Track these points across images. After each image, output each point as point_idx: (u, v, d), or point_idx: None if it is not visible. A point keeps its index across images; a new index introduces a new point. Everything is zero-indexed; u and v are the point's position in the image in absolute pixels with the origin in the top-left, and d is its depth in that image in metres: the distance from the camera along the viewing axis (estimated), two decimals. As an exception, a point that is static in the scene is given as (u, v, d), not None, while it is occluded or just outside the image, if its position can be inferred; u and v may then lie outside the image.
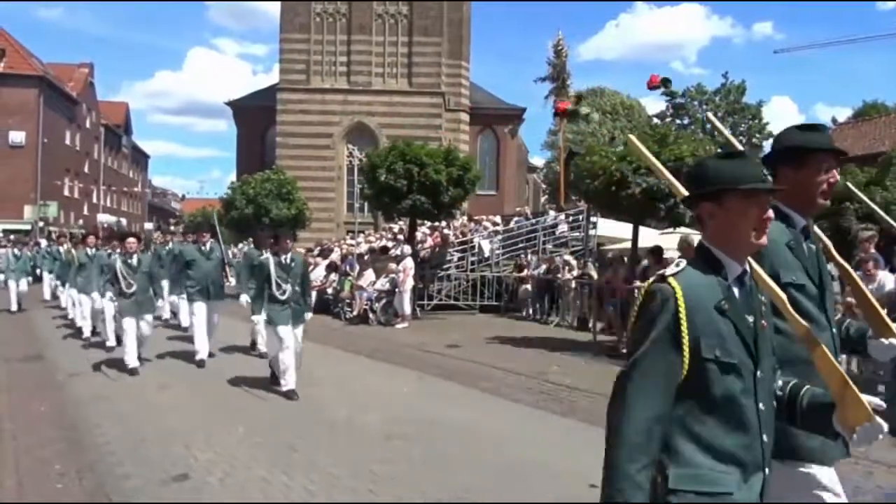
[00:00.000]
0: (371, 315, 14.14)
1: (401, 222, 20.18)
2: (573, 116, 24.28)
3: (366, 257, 17.12)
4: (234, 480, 4.61)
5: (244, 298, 8.97)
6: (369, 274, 15.23)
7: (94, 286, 10.52)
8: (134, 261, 8.56)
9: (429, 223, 19.10)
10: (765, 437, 1.75)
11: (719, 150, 3.69)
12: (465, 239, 18.14)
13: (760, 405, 1.75)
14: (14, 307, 15.31)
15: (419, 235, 18.29)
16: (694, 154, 9.02)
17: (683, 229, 11.37)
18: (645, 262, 11.25)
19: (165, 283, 11.25)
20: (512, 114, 43.10)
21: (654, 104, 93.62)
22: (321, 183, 37.33)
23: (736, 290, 1.77)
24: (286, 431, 5.82)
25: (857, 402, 1.75)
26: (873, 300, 2.33)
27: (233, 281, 10.05)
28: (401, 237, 18.20)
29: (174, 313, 12.89)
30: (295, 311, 7.31)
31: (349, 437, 5.67)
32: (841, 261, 2.55)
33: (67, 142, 40.10)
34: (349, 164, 39.36)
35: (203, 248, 9.53)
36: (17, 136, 34.40)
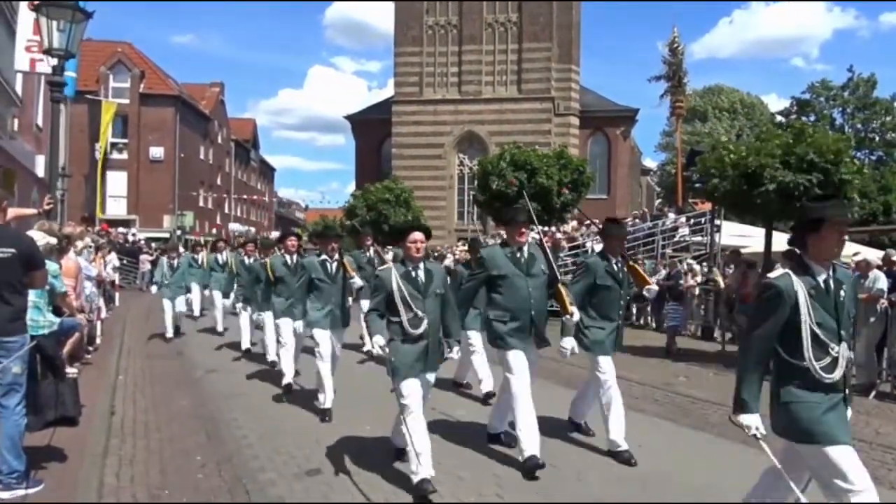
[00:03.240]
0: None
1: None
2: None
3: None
4: (362, 478, 4.67)
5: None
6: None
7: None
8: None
9: (539, 227, 18.88)
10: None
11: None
12: (577, 243, 17.78)
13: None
14: (170, 332, 11.85)
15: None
16: (836, 149, 8.29)
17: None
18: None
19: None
20: (624, 115, 41.95)
21: (777, 102, 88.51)
22: (433, 192, 37.93)
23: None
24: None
25: None
26: None
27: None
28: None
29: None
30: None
31: (473, 440, 5.59)
32: None
33: (201, 156, 42.95)
34: (460, 172, 39.78)
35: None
36: (156, 152, 37.23)
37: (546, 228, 18.91)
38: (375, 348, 4.58)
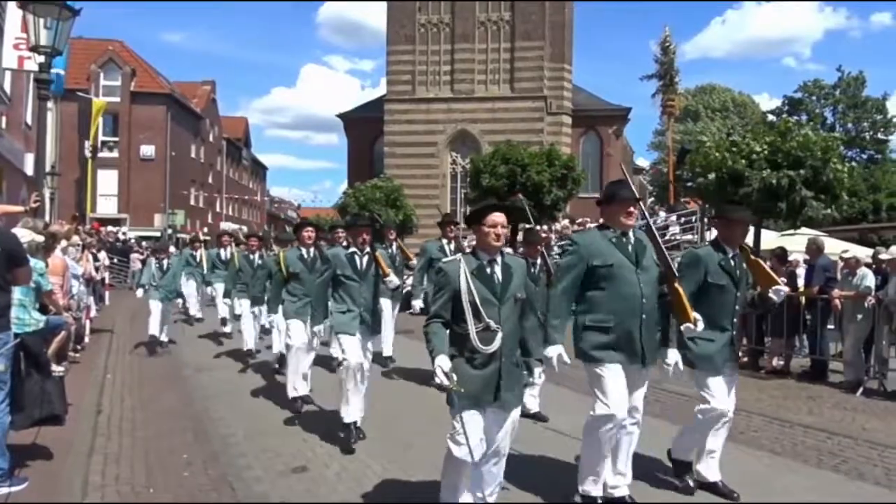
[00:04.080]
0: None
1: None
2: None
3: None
4: (350, 475, 4.67)
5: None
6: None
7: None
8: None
9: (527, 226, 18.92)
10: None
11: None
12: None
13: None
14: (162, 335, 10.63)
15: (520, 237, 18.13)
16: (825, 147, 8.36)
17: (807, 230, 10.59)
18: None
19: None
20: (616, 114, 42.06)
21: (769, 102, 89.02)
22: (426, 190, 37.89)
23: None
24: (402, 428, 5.85)
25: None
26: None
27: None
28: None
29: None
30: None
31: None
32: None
33: (193, 155, 42.79)
34: (452, 171, 39.77)
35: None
36: (147, 150, 37.07)
37: (536, 226, 18.95)
38: (438, 377, 3.26)
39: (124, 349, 10.53)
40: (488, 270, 3.48)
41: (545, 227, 19.28)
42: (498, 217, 3.48)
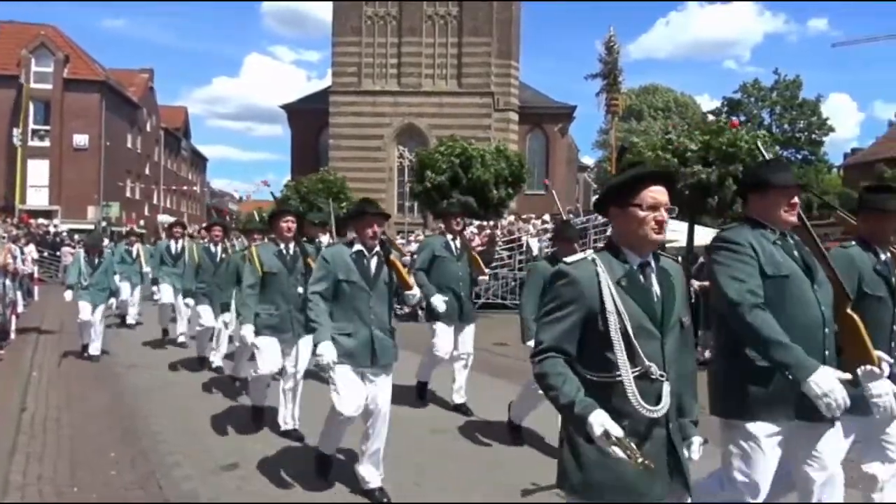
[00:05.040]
0: (420, 312, 14.13)
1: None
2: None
3: (414, 256, 17.11)
4: (280, 473, 4.62)
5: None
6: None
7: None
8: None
9: (477, 222, 19.07)
10: None
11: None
12: (513, 237, 18.01)
13: None
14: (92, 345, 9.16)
15: (467, 234, 18.24)
16: (753, 140, 8.68)
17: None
18: (702, 260, 10.92)
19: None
20: (562, 112, 42.72)
21: (709, 102, 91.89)
22: (373, 184, 37.67)
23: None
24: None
25: None
26: None
27: None
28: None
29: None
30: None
31: (395, 431, 5.60)
32: None
33: (129, 145, 41.48)
34: (399, 165, 39.66)
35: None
36: (80, 140, 35.74)
37: (483, 223, 19.11)
38: (601, 442, 1.98)
39: (52, 346, 10.14)
40: (641, 279, 2.18)
41: (491, 223, 19.45)
42: (659, 193, 2.17)
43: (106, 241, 13.06)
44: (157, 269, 10.57)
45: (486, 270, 6.95)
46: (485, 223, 19.31)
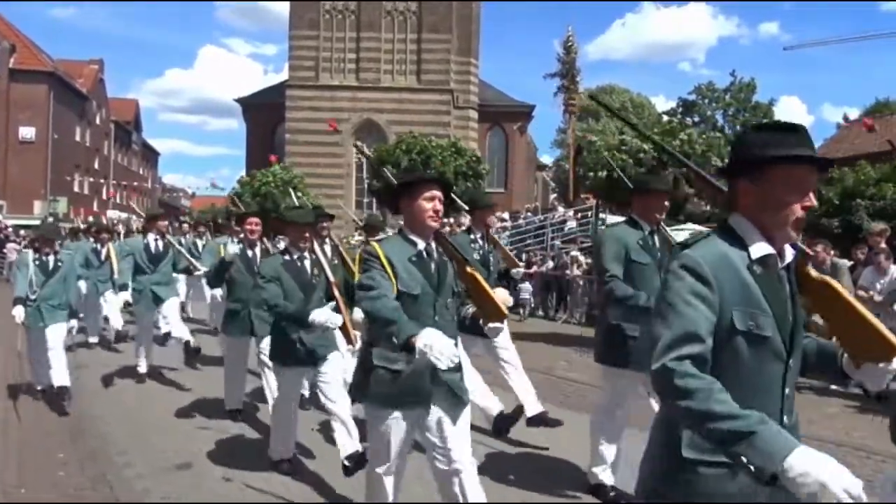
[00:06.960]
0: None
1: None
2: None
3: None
4: (234, 471, 4.57)
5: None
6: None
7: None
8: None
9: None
10: None
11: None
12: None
13: None
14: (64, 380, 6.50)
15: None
16: (708, 144, 8.93)
17: (692, 225, 11.25)
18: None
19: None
20: (521, 111, 42.99)
21: (665, 103, 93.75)
22: (330, 180, 37.38)
23: None
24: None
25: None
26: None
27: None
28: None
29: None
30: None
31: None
32: None
33: (77, 138, 40.27)
34: (358, 161, 39.39)
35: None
36: (27, 132, 34.59)
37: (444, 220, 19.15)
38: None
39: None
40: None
41: (451, 220, 19.50)
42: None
43: (63, 235, 10.53)
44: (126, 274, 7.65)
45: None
46: (444, 220, 19.36)
